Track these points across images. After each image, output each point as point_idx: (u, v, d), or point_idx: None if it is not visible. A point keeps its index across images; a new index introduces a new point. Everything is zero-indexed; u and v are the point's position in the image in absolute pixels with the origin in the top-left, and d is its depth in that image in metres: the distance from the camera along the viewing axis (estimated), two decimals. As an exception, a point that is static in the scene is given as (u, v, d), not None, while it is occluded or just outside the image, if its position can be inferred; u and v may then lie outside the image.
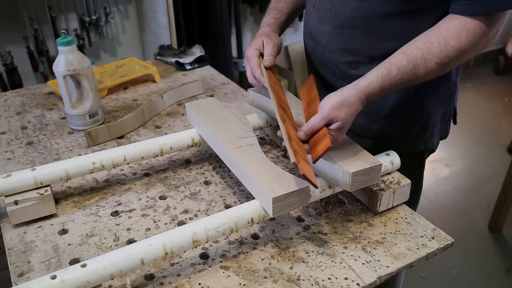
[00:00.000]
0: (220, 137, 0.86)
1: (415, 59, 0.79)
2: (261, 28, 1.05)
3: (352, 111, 0.77)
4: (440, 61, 0.78)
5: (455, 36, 0.77)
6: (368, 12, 0.89)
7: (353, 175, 0.74)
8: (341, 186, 0.78)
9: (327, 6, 0.95)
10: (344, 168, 0.75)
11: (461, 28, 0.77)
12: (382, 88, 0.80)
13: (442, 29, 0.79)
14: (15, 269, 0.74)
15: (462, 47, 0.77)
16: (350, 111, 0.77)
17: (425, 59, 0.79)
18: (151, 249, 0.67)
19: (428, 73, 0.80)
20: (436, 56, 0.78)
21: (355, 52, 0.94)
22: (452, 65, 0.81)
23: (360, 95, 0.79)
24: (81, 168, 0.87)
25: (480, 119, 3.09)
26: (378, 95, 0.81)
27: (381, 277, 0.71)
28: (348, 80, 0.99)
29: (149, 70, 1.40)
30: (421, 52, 0.79)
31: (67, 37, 1.05)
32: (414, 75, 0.80)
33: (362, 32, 0.91)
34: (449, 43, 0.77)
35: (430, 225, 0.81)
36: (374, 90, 0.80)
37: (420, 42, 0.80)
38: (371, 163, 0.76)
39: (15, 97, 1.33)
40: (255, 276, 0.71)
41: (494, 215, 2.16)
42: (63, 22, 2.35)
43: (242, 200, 0.88)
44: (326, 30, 0.97)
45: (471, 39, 0.77)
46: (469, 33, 0.77)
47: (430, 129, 1.01)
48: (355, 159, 0.77)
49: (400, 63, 0.80)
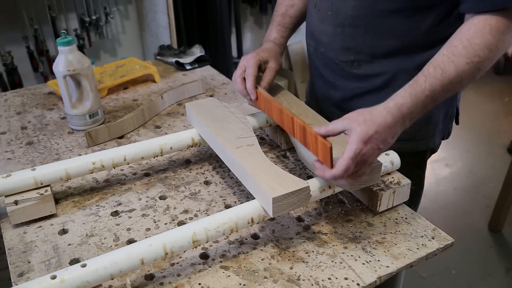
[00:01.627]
0: (220, 137, 0.86)
1: (441, 64, 0.75)
2: (268, 42, 1.06)
3: (383, 136, 0.72)
4: (470, 61, 0.74)
5: (477, 34, 0.74)
6: (369, 11, 0.89)
7: None
8: (341, 187, 0.78)
9: (328, 5, 0.95)
10: None
11: (482, 25, 0.74)
12: (412, 96, 0.73)
13: (463, 31, 0.76)
14: (15, 269, 0.74)
15: (489, 43, 0.74)
16: (381, 137, 0.72)
17: (453, 61, 0.74)
18: (151, 249, 0.67)
19: (462, 76, 0.74)
20: (464, 57, 0.74)
21: (357, 50, 0.94)
22: (486, 64, 0.76)
23: (390, 112, 0.73)
24: (81, 168, 0.87)
25: (480, 119, 3.09)
26: (413, 108, 0.74)
27: (381, 277, 0.71)
28: (350, 79, 0.99)
29: (149, 70, 1.40)
30: (446, 57, 0.75)
31: (67, 37, 1.05)
32: (446, 80, 0.74)
33: (363, 30, 0.91)
34: (474, 41, 0.74)
35: (430, 225, 0.81)
36: (404, 99, 0.73)
37: (443, 49, 0.76)
38: None
39: (15, 97, 1.33)
40: (255, 276, 0.71)
41: (494, 215, 2.16)
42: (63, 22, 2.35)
43: (242, 200, 0.88)
44: (327, 30, 0.97)
45: (495, 34, 0.74)
46: (492, 28, 0.74)
47: (432, 129, 1.01)
48: None
49: (426, 70, 0.75)
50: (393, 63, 0.93)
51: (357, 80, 0.98)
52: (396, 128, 0.73)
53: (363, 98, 0.99)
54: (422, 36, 0.90)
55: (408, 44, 0.91)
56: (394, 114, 0.72)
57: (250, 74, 0.94)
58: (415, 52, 0.92)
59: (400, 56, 0.92)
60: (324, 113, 1.08)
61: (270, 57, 1.00)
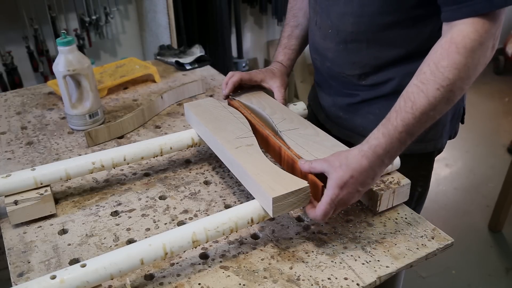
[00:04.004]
0: (219, 138, 0.86)
1: (411, 95, 0.71)
2: (275, 63, 1.10)
3: (360, 179, 0.71)
4: (440, 86, 0.70)
5: (444, 55, 0.70)
6: (368, 26, 0.88)
7: None
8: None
9: (328, 24, 0.95)
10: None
11: (448, 45, 0.70)
12: (385, 135, 0.72)
13: (431, 55, 0.73)
14: (15, 269, 0.74)
15: (457, 62, 0.69)
16: (358, 181, 0.71)
17: (422, 91, 0.71)
18: (151, 249, 0.67)
19: (434, 104, 0.71)
20: (433, 83, 0.70)
21: (362, 64, 0.94)
22: (459, 85, 0.71)
23: (364, 155, 0.71)
24: (81, 168, 0.87)
25: (480, 119, 3.09)
26: (388, 147, 0.72)
27: (381, 277, 0.71)
28: (359, 88, 0.99)
29: (149, 70, 1.40)
30: (416, 87, 0.72)
31: (67, 37, 1.05)
32: (418, 112, 0.71)
33: (365, 45, 0.91)
34: (441, 64, 0.70)
35: (430, 225, 0.81)
36: (377, 140, 0.72)
37: (414, 79, 0.73)
38: None
39: (15, 97, 1.33)
40: (255, 276, 0.71)
41: (494, 215, 2.16)
42: (63, 22, 2.35)
43: (242, 200, 0.88)
44: (330, 46, 0.97)
45: (462, 52, 0.69)
46: (459, 46, 0.70)
47: (440, 130, 1.01)
48: None
49: (398, 105, 0.73)
50: (400, 69, 0.93)
51: (366, 89, 0.98)
52: (374, 170, 0.72)
53: (373, 103, 0.99)
54: (426, 41, 0.89)
55: (412, 51, 0.90)
56: (369, 157, 0.71)
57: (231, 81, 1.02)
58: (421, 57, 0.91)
59: (406, 62, 0.92)
60: (330, 117, 1.08)
61: (268, 78, 1.05)
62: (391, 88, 0.95)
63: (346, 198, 0.72)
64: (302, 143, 0.84)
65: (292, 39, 1.11)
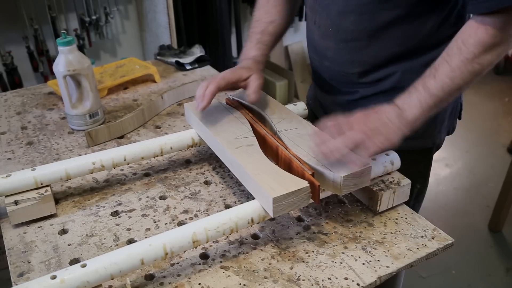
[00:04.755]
0: (219, 138, 0.86)
1: (436, 65, 0.77)
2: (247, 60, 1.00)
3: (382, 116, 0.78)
4: (464, 58, 0.74)
5: (472, 33, 0.74)
6: (369, 23, 0.88)
7: (344, 179, 0.74)
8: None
9: (328, 22, 0.94)
10: (334, 171, 0.75)
11: (477, 25, 0.74)
12: (410, 93, 0.78)
13: (459, 33, 0.77)
14: (15, 269, 0.74)
15: (482, 40, 0.74)
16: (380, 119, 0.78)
17: (447, 61, 0.76)
18: (151, 249, 0.67)
19: (453, 74, 0.75)
20: (458, 55, 0.75)
21: (362, 62, 0.95)
22: (484, 60, 0.75)
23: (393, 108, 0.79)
24: (81, 168, 0.87)
25: (480, 119, 3.09)
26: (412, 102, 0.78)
27: (381, 277, 0.71)
28: (358, 86, 1.00)
29: (149, 70, 1.40)
30: (441, 58, 0.77)
31: (67, 37, 1.05)
32: (440, 77, 0.76)
33: (366, 43, 0.91)
34: (468, 41, 0.74)
35: (430, 225, 0.81)
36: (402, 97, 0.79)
37: (442, 53, 0.78)
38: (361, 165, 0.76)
39: (15, 97, 1.33)
40: (255, 276, 0.71)
41: (494, 215, 2.16)
42: (63, 22, 2.35)
43: (242, 200, 0.88)
44: (330, 45, 0.97)
45: (490, 31, 0.73)
46: (488, 27, 0.73)
47: (439, 125, 1.01)
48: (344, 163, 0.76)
49: (423, 74, 0.79)
50: (399, 66, 0.93)
51: (366, 86, 0.98)
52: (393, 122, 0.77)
53: (372, 99, 0.99)
54: (425, 38, 0.90)
55: (412, 48, 0.91)
56: (396, 110, 0.78)
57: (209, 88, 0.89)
58: (420, 54, 0.92)
59: (406, 59, 0.92)
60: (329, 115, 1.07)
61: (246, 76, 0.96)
62: (391, 84, 0.95)
63: (365, 130, 0.75)
64: (300, 143, 0.84)
65: (265, 35, 1.04)
